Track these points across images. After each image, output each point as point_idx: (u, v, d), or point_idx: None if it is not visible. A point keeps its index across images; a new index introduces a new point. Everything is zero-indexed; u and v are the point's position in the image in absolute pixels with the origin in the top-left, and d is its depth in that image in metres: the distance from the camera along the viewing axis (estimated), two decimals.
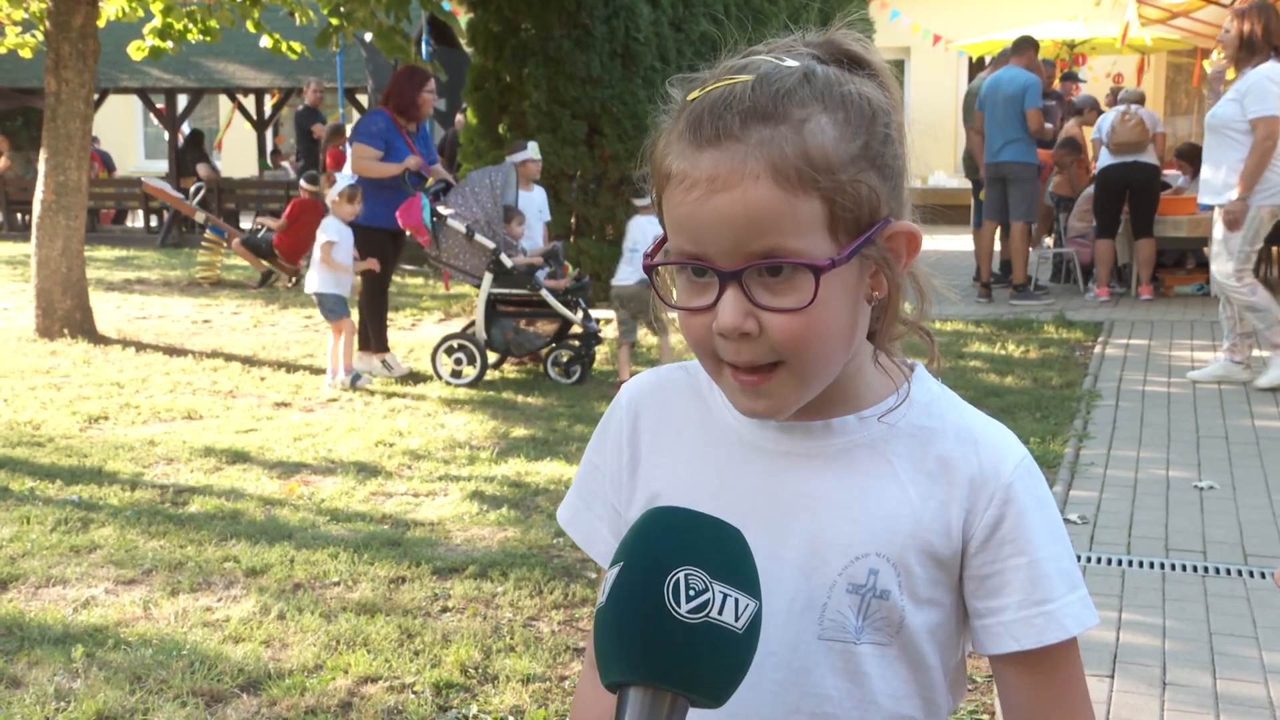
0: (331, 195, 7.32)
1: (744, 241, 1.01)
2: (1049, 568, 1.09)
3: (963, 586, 1.12)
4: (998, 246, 11.30)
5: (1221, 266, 6.74)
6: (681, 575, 0.92)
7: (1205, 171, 6.86)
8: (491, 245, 7.42)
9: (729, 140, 1.01)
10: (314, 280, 7.33)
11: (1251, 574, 4.15)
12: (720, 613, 0.92)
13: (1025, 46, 10.26)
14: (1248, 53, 6.53)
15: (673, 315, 1.21)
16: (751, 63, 1.06)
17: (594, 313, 7.97)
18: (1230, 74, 7.37)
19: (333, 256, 7.21)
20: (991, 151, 10.01)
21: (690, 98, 1.06)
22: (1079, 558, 4.30)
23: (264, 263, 12.28)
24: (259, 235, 12.36)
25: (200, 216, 13.13)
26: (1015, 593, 1.09)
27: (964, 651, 1.17)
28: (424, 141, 7.87)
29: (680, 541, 0.95)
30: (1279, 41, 6.50)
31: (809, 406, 1.11)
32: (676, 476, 1.18)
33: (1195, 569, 4.20)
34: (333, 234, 7.22)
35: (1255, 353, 7.06)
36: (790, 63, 1.05)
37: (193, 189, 15.37)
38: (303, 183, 12.59)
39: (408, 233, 7.56)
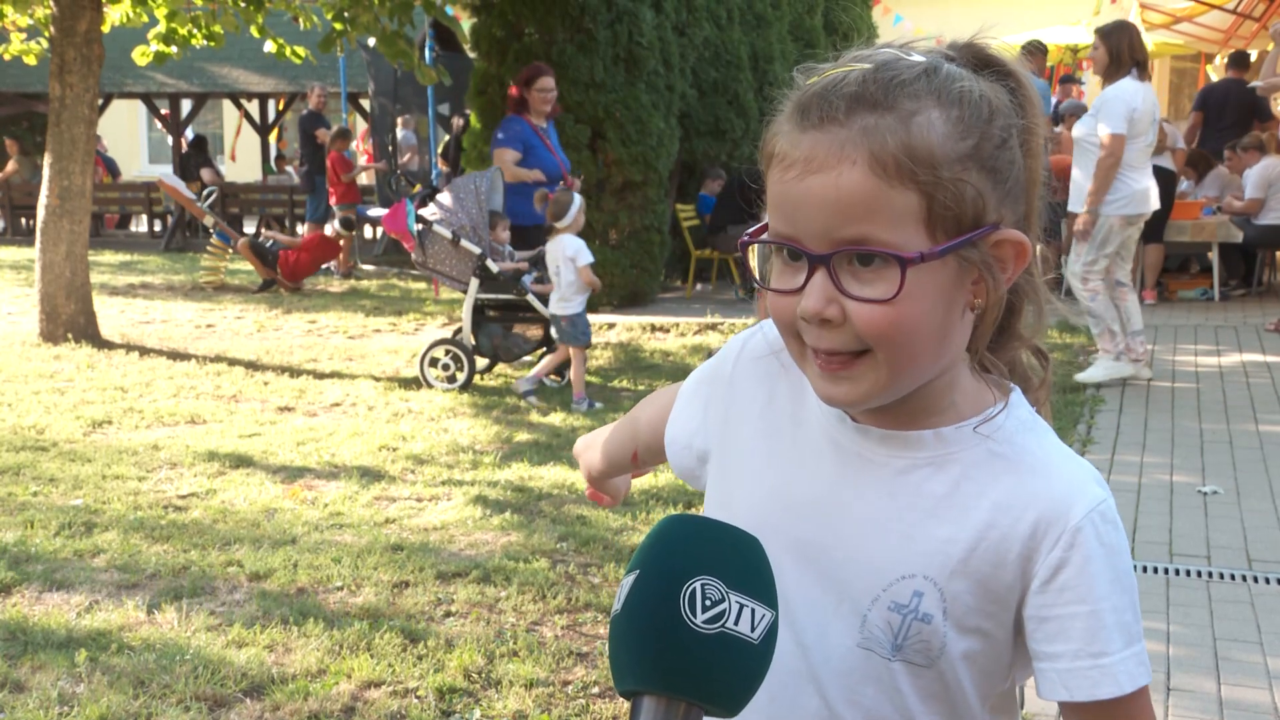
0: (572, 214, 6.77)
1: (834, 226, 0.99)
2: (1109, 619, 1.04)
3: (1024, 624, 1.09)
4: None
5: (1071, 267, 7.03)
6: (698, 585, 0.91)
7: (1075, 178, 7.14)
8: (477, 250, 7.42)
9: (832, 124, 1.00)
10: (569, 304, 6.87)
11: (1256, 579, 4.14)
12: (736, 623, 0.91)
13: (1034, 52, 10.25)
14: (1115, 68, 6.79)
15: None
16: (876, 54, 1.05)
17: (589, 317, 7.95)
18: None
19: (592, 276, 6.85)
20: None
21: (810, 83, 1.05)
22: None
23: (245, 263, 12.33)
24: (267, 245, 12.40)
25: (209, 220, 13.19)
26: (1072, 641, 1.05)
27: (1013, 681, 1.14)
28: (555, 139, 7.88)
29: (697, 550, 0.94)
30: (1140, 57, 6.79)
31: (893, 413, 1.09)
32: (755, 449, 1.18)
33: (1199, 574, 4.19)
34: (587, 255, 6.81)
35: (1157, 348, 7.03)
36: (916, 57, 1.04)
37: (204, 193, 15.43)
38: (338, 226, 12.62)
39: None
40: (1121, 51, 6.72)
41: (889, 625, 1.07)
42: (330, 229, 12.75)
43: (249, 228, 16.57)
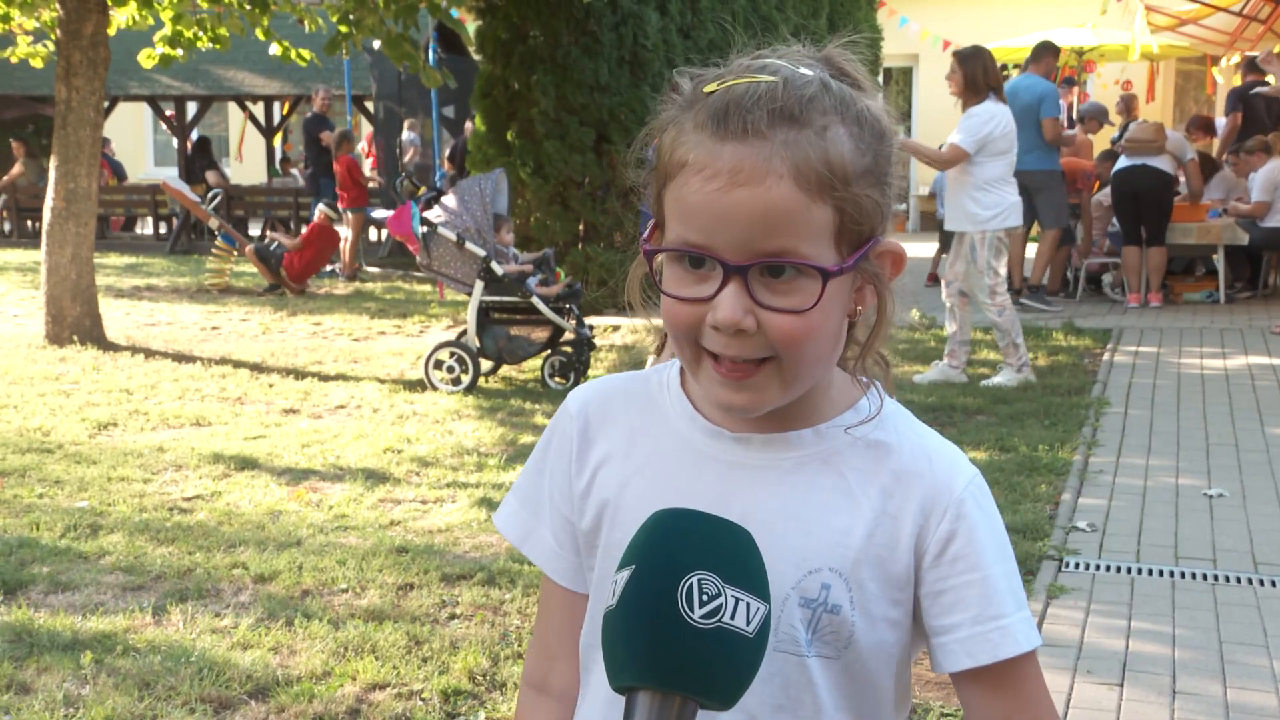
0: None
1: (757, 238, 1.01)
2: (1000, 585, 1.09)
3: (918, 604, 1.12)
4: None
5: (977, 282, 7.20)
6: (695, 580, 0.91)
7: (947, 195, 7.48)
8: (482, 253, 7.43)
9: (755, 137, 1.01)
10: None
11: (1262, 582, 4.13)
12: (733, 617, 0.91)
13: (1043, 54, 10.15)
14: (972, 93, 7.09)
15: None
16: (769, 65, 1.06)
17: (592, 319, 7.97)
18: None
19: None
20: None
21: (708, 90, 1.06)
22: (1089, 565, 4.29)
23: (249, 265, 12.38)
24: (271, 248, 12.43)
25: (214, 223, 13.21)
26: (970, 608, 1.09)
27: (910, 668, 1.18)
28: None
29: (693, 545, 0.94)
30: (994, 82, 7.13)
31: (776, 416, 1.12)
32: (627, 486, 1.17)
33: (1205, 577, 4.19)
34: None
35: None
36: (805, 71, 1.06)
37: (209, 195, 15.43)
38: (322, 207, 12.67)
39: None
40: (977, 77, 7.03)
41: (801, 621, 1.10)
42: (318, 213, 12.78)
43: (254, 230, 16.59)
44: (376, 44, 10.06)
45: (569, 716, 1.25)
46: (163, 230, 18.22)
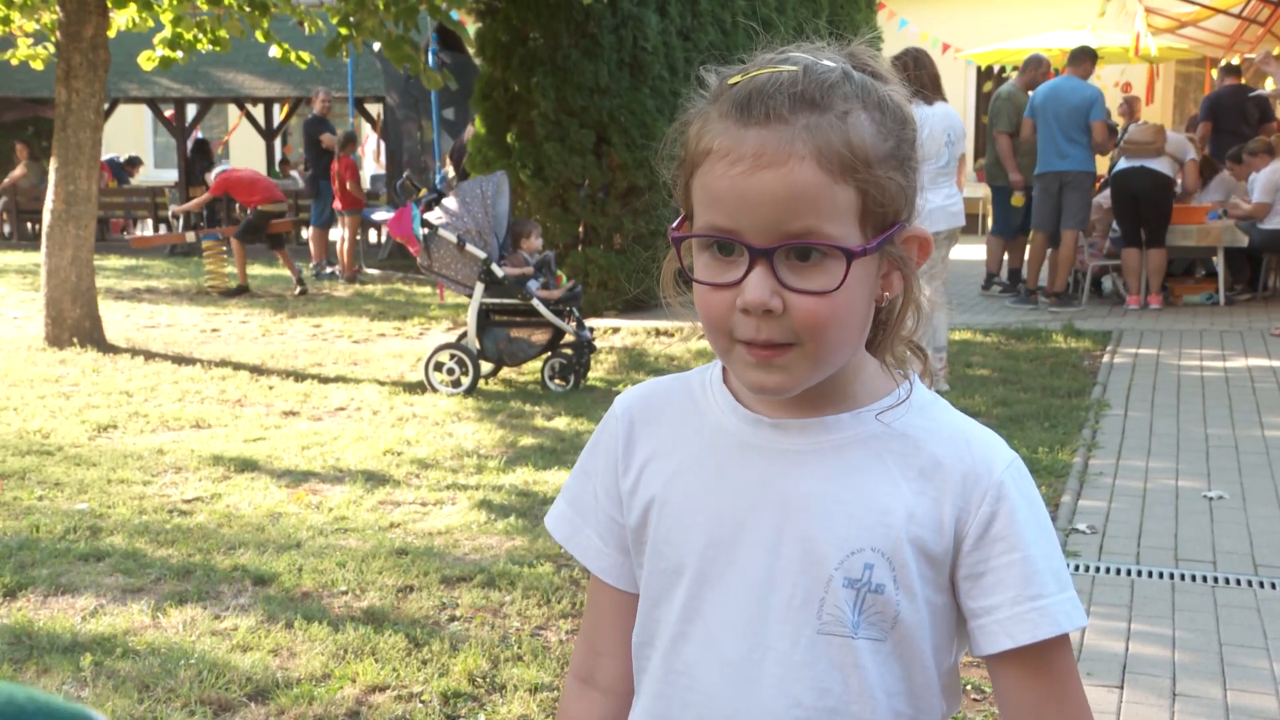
0: None
1: (781, 220, 1.04)
2: (1040, 565, 1.10)
3: (956, 588, 1.13)
4: (1007, 254, 11.33)
5: None
6: None
7: None
8: (483, 255, 7.43)
9: (777, 121, 1.04)
10: None
11: (1262, 584, 4.13)
12: None
13: (1082, 58, 10.13)
14: None
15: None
16: (791, 57, 1.09)
17: (592, 322, 7.96)
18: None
19: None
20: (1049, 160, 9.85)
21: (732, 82, 1.08)
22: (1089, 568, 4.29)
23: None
24: (249, 215, 12.64)
25: (190, 236, 13.36)
26: (1009, 589, 1.10)
27: (957, 657, 1.18)
28: None
29: None
30: (915, 84, 6.75)
31: (811, 401, 1.13)
32: (674, 481, 1.19)
33: (1205, 579, 4.18)
34: None
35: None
36: (828, 62, 1.08)
37: (170, 215, 15.72)
38: (210, 176, 13.19)
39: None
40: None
41: (847, 602, 1.11)
42: (214, 175, 13.28)
43: None
44: (377, 46, 10.06)
45: (612, 708, 1.27)
46: (162, 232, 18.23)
